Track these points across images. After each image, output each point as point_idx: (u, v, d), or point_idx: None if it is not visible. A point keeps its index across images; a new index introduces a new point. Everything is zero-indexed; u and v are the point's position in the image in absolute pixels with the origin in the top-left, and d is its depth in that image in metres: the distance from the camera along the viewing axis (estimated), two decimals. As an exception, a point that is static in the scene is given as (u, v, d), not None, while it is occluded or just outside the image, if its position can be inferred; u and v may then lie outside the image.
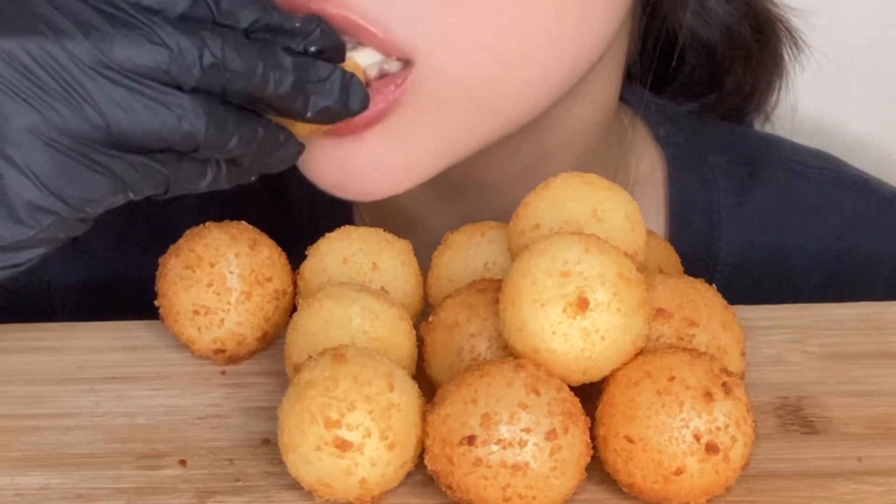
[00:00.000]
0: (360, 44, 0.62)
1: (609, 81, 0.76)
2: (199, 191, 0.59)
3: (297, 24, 0.58)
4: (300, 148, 0.61)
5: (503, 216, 0.63)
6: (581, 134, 0.76)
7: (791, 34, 0.84)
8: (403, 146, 0.65)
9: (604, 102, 0.76)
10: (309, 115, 0.59)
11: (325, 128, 0.62)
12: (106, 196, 0.57)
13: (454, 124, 0.66)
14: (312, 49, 0.59)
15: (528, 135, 0.73)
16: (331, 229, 0.65)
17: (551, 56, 0.66)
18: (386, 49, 0.63)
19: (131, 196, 0.57)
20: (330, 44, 0.59)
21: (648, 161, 0.82)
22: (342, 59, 0.60)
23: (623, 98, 0.81)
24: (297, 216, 0.82)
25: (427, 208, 0.79)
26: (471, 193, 0.77)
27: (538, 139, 0.74)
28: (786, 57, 0.84)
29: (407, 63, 0.64)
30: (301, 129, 0.61)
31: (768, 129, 0.88)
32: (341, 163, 0.65)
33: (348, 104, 0.60)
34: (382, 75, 0.64)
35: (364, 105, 0.60)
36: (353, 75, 0.60)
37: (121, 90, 0.55)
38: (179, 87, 0.56)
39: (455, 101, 0.65)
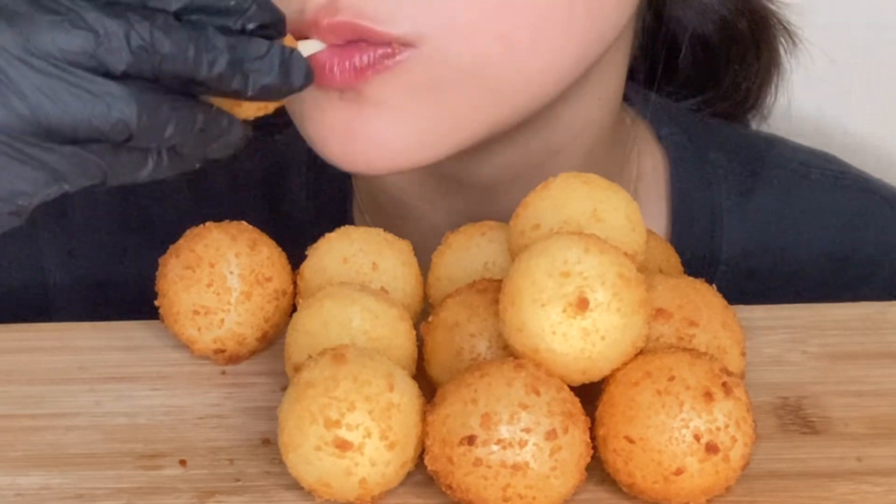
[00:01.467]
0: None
1: (614, 78, 0.76)
2: (140, 181, 0.58)
3: (232, 3, 0.57)
4: (245, 132, 0.60)
5: (503, 216, 0.63)
6: (587, 132, 0.76)
7: (786, 28, 0.84)
8: (404, 121, 0.65)
9: (609, 100, 0.77)
10: (249, 93, 0.57)
11: (270, 106, 0.60)
12: (38, 189, 0.55)
13: (460, 105, 0.66)
14: (251, 26, 0.57)
15: (535, 131, 0.73)
16: (330, 229, 0.65)
17: (561, 45, 0.66)
18: (391, 43, 0.63)
19: (66, 188, 0.56)
20: (269, 19, 0.58)
21: (651, 160, 0.82)
22: (283, 33, 0.59)
23: (626, 98, 0.81)
24: (296, 216, 0.82)
25: (428, 207, 0.79)
26: (474, 192, 0.77)
27: (545, 136, 0.74)
28: (782, 52, 0.85)
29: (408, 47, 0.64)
30: (248, 110, 0.60)
31: (768, 129, 0.88)
32: (344, 135, 0.65)
33: (290, 80, 0.58)
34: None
35: (308, 79, 0.59)
36: (292, 50, 0.58)
37: (48, 79, 0.53)
38: (109, 74, 0.54)
39: (462, 83, 0.65)
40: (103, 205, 0.82)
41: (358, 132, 0.65)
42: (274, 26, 0.59)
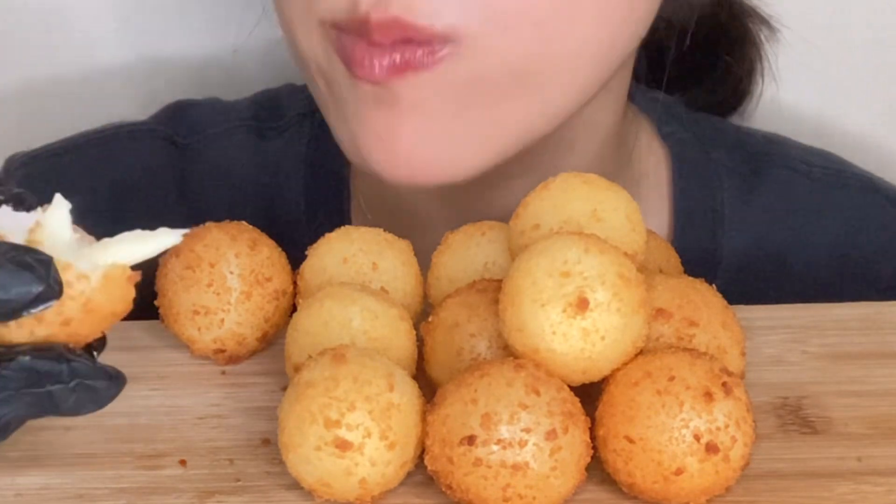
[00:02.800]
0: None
1: (625, 76, 0.76)
2: None
3: None
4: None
5: (504, 216, 0.63)
6: (601, 129, 0.76)
7: (764, 20, 0.85)
8: (443, 127, 0.66)
9: (621, 96, 0.77)
10: None
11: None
12: None
13: (499, 109, 0.66)
14: None
15: (555, 128, 0.73)
16: (330, 230, 0.65)
17: (597, 32, 0.67)
18: (431, 38, 0.63)
19: None
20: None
21: (653, 158, 0.82)
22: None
23: (629, 95, 0.81)
24: (293, 222, 0.82)
25: (427, 207, 0.78)
26: (477, 191, 0.76)
27: (562, 133, 0.74)
28: (762, 41, 0.85)
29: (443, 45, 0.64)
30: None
31: (769, 128, 0.88)
32: (381, 137, 0.65)
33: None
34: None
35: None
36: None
37: None
38: None
39: (500, 81, 0.65)
40: (92, 220, 0.82)
41: (401, 139, 0.65)
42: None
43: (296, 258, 0.65)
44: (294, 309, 0.63)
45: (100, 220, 0.84)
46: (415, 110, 0.65)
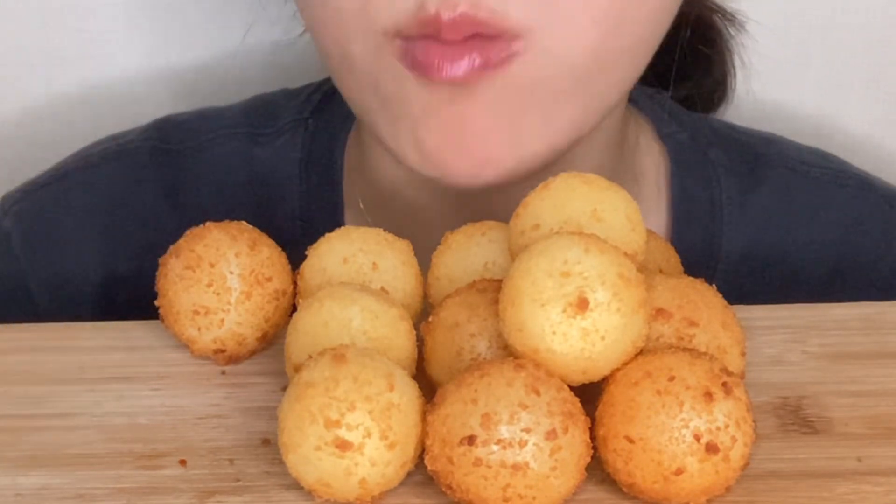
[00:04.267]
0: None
1: None
2: None
3: None
4: None
5: (504, 216, 0.63)
6: (601, 130, 0.76)
7: (728, 15, 0.86)
8: (510, 121, 0.66)
9: (627, 93, 0.77)
10: None
11: None
12: None
13: (559, 106, 0.67)
14: None
15: None
16: (329, 229, 0.65)
17: (641, 25, 0.68)
18: (499, 33, 0.64)
19: None
20: None
21: (652, 158, 0.82)
22: None
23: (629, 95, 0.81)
24: (288, 228, 0.82)
25: (427, 207, 0.78)
26: (479, 191, 0.76)
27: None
28: (730, 36, 0.86)
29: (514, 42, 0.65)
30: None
31: (768, 128, 0.88)
32: (449, 130, 0.65)
33: None
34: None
35: None
36: None
37: None
38: None
39: (560, 74, 0.66)
40: (89, 228, 0.82)
41: (469, 130, 0.66)
42: None
43: (292, 262, 0.65)
44: (294, 309, 0.63)
45: (97, 239, 0.84)
46: (486, 107, 0.66)
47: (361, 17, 0.66)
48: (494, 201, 0.75)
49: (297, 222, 0.82)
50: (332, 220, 0.81)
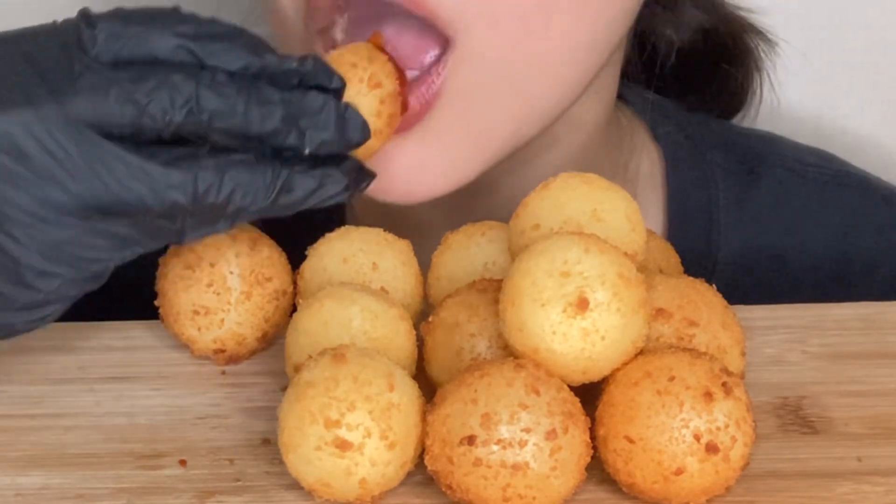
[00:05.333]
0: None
1: (610, 77, 0.77)
2: (219, 233, 0.58)
3: (293, 65, 0.56)
4: (347, 184, 0.58)
5: (503, 216, 0.63)
6: (583, 130, 0.76)
7: (759, 31, 0.85)
8: (443, 144, 0.66)
9: (604, 97, 0.77)
10: (307, 149, 0.56)
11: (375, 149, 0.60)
12: (111, 255, 0.56)
13: (492, 114, 0.66)
14: (309, 83, 0.57)
15: None
16: (329, 229, 0.65)
17: (576, 29, 0.67)
18: (431, 16, 0.63)
19: (139, 250, 0.57)
20: (327, 82, 0.57)
21: (648, 159, 0.82)
22: (340, 96, 0.58)
23: (623, 97, 0.81)
24: (289, 224, 0.82)
25: (427, 208, 0.78)
26: (470, 192, 0.76)
27: (540, 135, 0.74)
28: (760, 55, 0.85)
29: (445, 46, 0.64)
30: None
31: (768, 128, 0.88)
32: (382, 166, 0.64)
33: (346, 135, 0.57)
34: (393, 103, 0.62)
35: (364, 135, 0.58)
36: (347, 105, 0.57)
37: (100, 165, 0.54)
38: (164, 149, 0.55)
39: (491, 85, 0.66)
40: None
41: (400, 166, 0.65)
42: (334, 91, 0.57)
43: (296, 258, 0.65)
44: (294, 309, 0.63)
45: None
46: (420, 141, 0.65)
47: (297, 17, 0.67)
48: (494, 201, 0.75)
49: (300, 215, 0.82)
50: (335, 213, 0.81)
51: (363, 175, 0.59)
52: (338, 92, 0.57)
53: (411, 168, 0.65)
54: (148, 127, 0.54)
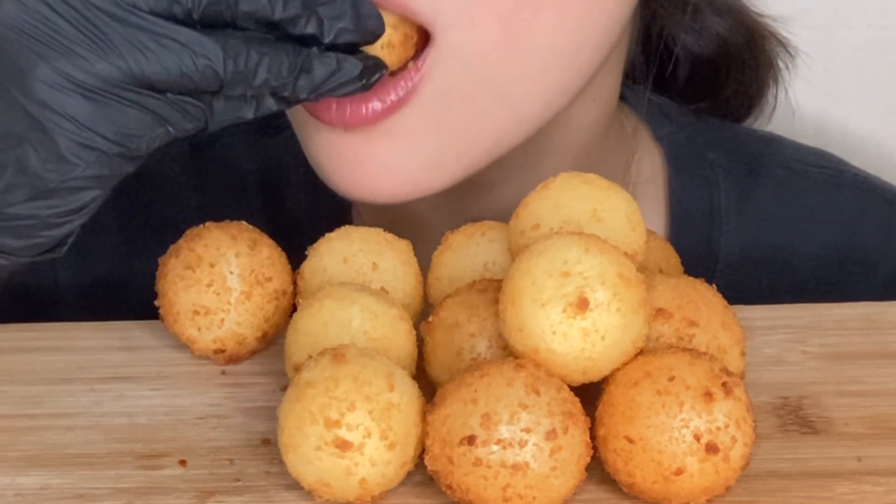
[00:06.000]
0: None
1: (611, 79, 0.76)
2: (248, 119, 0.60)
3: None
4: (363, 71, 0.60)
5: (503, 216, 0.63)
6: (581, 133, 0.76)
7: (781, 41, 0.84)
8: (414, 145, 0.65)
9: (604, 101, 0.77)
10: (326, 38, 0.58)
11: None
12: (144, 131, 0.58)
13: (470, 119, 0.66)
14: None
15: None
16: (330, 229, 0.65)
17: (559, 34, 0.66)
18: (408, 13, 0.63)
19: (171, 132, 0.58)
20: None
21: (649, 160, 0.82)
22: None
23: (624, 98, 0.81)
24: (295, 217, 0.82)
25: (427, 208, 0.79)
26: (470, 192, 0.77)
27: (539, 138, 0.74)
28: (780, 65, 0.85)
29: (425, 41, 0.64)
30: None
31: (769, 128, 0.88)
32: (352, 164, 0.65)
33: (362, 24, 0.59)
34: (406, 48, 0.63)
35: (379, 25, 0.60)
36: None
37: (136, 31, 0.56)
38: (192, 22, 0.57)
39: (468, 84, 0.65)
40: (110, 205, 0.82)
41: (367, 162, 0.65)
42: None
43: (297, 256, 0.65)
44: (294, 309, 0.63)
45: (124, 203, 0.84)
46: (387, 138, 0.65)
47: None
48: (494, 201, 0.75)
49: (303, 212, 0.82)
50: (339, 208, 0.81)
51: (377, 66, 0.61)
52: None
53: (377, 167, 0.65)
54: (179, 5, 0.56)
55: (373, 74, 0.61)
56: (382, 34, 0.61)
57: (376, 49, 0.62)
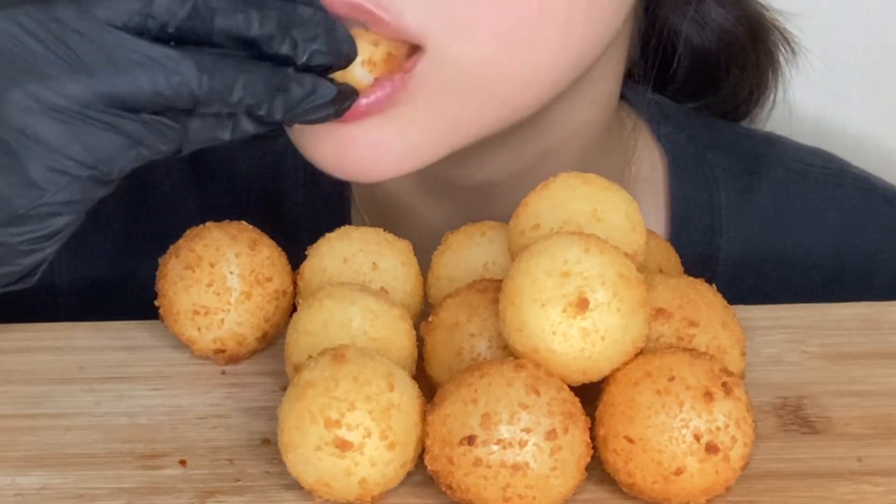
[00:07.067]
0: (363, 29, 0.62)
1: (609, 80, 0.76)
2: (223, 142, 0.59)
3: None
4: (336, 96, 0.60)
5: (503, 216, 0.63)
6: (581, 133, 0.76)
7: (784, 37, 0.84)
8: (406, 131, 0.65)
9: (604, 101, 0.76)
10: (300, 60, 0.58)
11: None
12: (117, 153, 0.56)
13: (460, 111, 0.65)
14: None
15: (528, 134, 0.73)
16: (330, 230, 0.65)
17: (560, 46, 0.66)
18: (396, 35, 0.62)
19: (145, 153, 0.57)
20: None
21: (649, 160, 0.82)
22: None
23: (624, 97, 0.81)
24: (295, 219, 0.82)
25: (427, 207, 0.79)
26: (471, 193, 0.77)
27: (538, 139, 0.74)
28: (781, 60, 0.85)
29: (416, 49, 0.63)
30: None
31: (769, 128, 0.88)
32: (342, 144, 0.64)
33: (336, 46, 0.59)
34: (389, 65, 0.63)
35: (352, 48, 0.60)
36: (336, 20, 0.59)
37: (109, 49, 0.55)
38: (166, 38, 0.56)
39: (462, 88, 0.65)
40: (110, 207, 0.82)
41: (357, 140, 0.65)
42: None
43: (296, 258, 0.65)
44: (294, 309, 0.63)
45: (123, 207, 0.84)
46: (379, 123, 0.65)
47: None
48: (494, 201, 0.75)
49: (302, 213, 0.82)
50: (337, 212, 0.81)
51: (349, 93, 0.61)
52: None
53: (369, 150, 0.65)
54: (153, 20, 0.56)
55: (344, 101, 0.61)
56: (355, 58, 0.61)
57: (356, 66, 0.61)
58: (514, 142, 0.72)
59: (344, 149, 0.65)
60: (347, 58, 0.60)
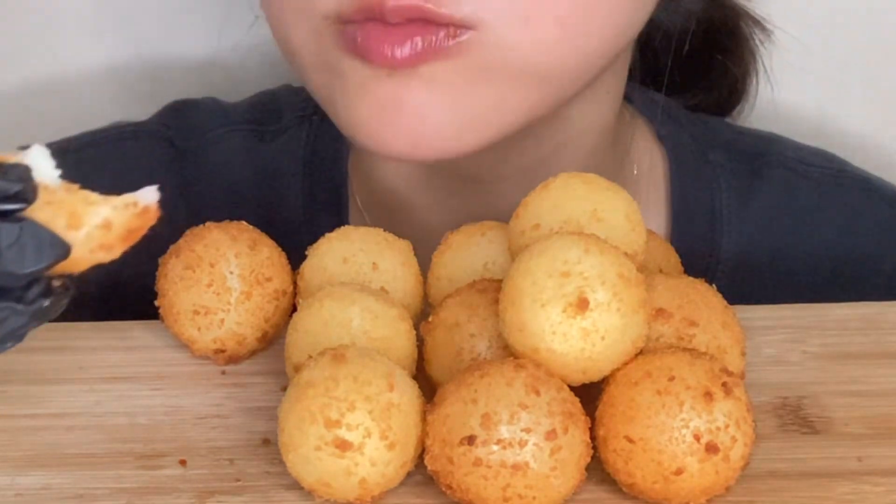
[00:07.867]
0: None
1: (620, 74, 0.76)
2: None
3: None
4: (34, 313, 0.52)
5: (504, 216, 0.63)
6: (593, 128, 0.76)
7: (756, 20, 0.85)
8: (456, 106, 0.65)
9: (615, 95, 0.77)
10: None
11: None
12: None
13: (511, 90, 0.66)
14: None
15: (546, 127, 0.73)
16: (329, 229, 0.65)
17: (609, 31, 0.67)
18: (449, 22, 0.62)
19: None
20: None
21: (650, 159, 0.82)
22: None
23: (626, 96, 0.81)
24: (291, 224, 0.82)
25: (428, 207, 0.79)
26: (473, 191, 0.77)
27: (554, 132, 0.74)
28: (755, 42, 0.85)
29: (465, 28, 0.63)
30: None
31: (768, 128, 0.88)
32: (384, 105, 0.63)
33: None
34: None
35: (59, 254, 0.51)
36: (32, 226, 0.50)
37: None
38: None
39: (517, 73, 0.65)
40: None
41: (406, 107, 0.64)
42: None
43: (294, 261, 0.65)
44: (294, 309, 0.63)
45: None
46: (426, 84, 0.64)
47: (303, 1, 0.66)
48: (495, 201, 0.75)
49: (300, 219, 0.82)
50: (335, 216, 0.81)
51: (63, 292, 0.53)
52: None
53: (416, 118, 0.64)
54: None
55: (58, 301, 0.53)
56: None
57: (92, 227, 0.52)
58: (533, 132, 0.72)
59: (387, 112, 0.64)
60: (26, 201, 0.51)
